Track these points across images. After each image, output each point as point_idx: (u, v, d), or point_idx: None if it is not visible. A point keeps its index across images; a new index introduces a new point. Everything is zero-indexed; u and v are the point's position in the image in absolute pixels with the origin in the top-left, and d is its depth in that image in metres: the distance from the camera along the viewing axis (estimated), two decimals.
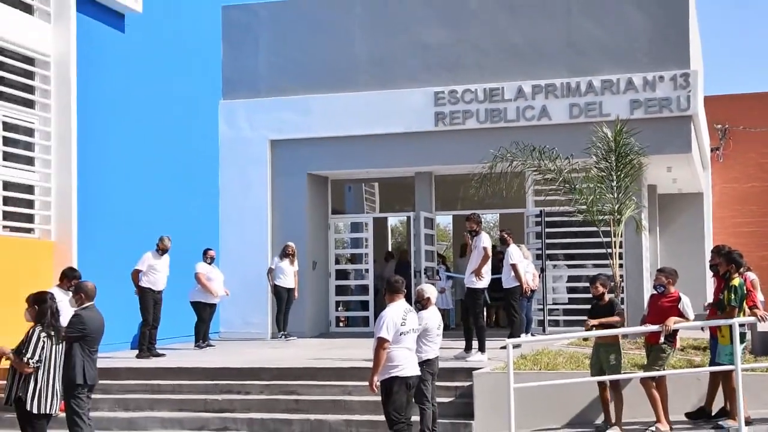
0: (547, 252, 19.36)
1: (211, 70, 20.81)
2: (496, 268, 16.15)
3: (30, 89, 16.04)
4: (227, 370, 13.90)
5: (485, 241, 14.12)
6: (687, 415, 11.20)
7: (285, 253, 18.87)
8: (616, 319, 10.96)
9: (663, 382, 10.91)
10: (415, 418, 10.55)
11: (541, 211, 19.38)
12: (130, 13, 18.07)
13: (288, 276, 18.77)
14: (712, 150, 26.60)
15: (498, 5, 19.69)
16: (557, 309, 19.80)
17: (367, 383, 9.81)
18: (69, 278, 12.26)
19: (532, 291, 16.82)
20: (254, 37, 20.94)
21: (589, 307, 11.66)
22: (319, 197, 21.34)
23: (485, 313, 15.56)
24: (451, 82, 19.46)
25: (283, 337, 18.78)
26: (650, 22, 18.75)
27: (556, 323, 19.37)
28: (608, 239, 15.98)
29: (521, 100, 19.10)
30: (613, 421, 10.83)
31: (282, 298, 18.80)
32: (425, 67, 19.71)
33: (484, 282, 14.09)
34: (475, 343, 13.86)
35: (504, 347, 11.23)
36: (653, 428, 10.65)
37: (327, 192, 21.69)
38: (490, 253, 14.27)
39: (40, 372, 9.34)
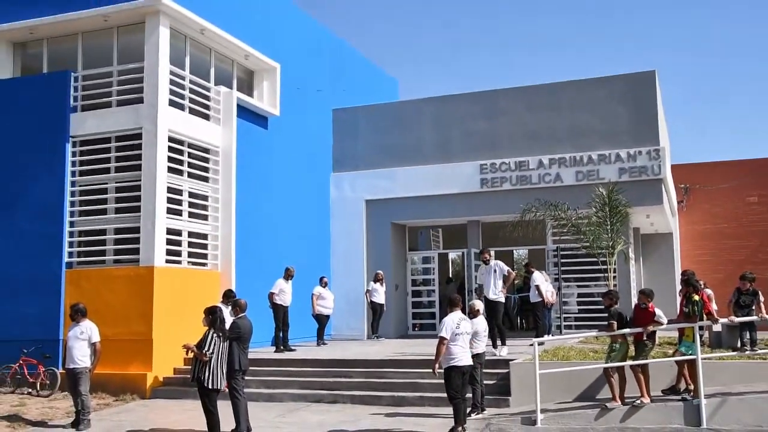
0: (562, 276, 19.14)
1: (325, 152, 21.13)
2: (524, 288, 15.98)
3: (206, 169, 16.47)
4: (337, 360, 13.98)
5: (505, 266, 14.02)
6: (662, 391, 10.97)
7: (377, 279, 18.99)
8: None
9: (646, 368, 10.71)
10: (469, 395, 10.56)
11: (557, 247, 19.16)
12: (272, 117, 18.56)
13: (380, 294, 18.86)
14: (678, 202, 26.12)
15: (521, 105, 19.67)
16: (570, 317, 19.47)
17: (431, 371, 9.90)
18: (228, 297, 12.62)
19: (552, 304, 16.62)
20: (355, 129, 21.27)
21: (595, 315, 11.58)
22: (400, 239, 21.40)
23: (517, 320, 15.34)
24: (491, 157, 19.44)
25: (376, 338, 18.84)
26: (630, 113, 18.57)
27: (569, 327, 19.03)
28: (605, 267, 15.80)
29: (541, 169, 18.99)
30: (617, 396, 10.63)
31: (375, 310, 18.90)
32: (472, 147, 19.74)
33: (503, 297, 13.95)
34: (499, 341, 13.71)
35: (531, 345, 11.15)
36: (638, 402, 10.46)
37: (405, 235, 21.74)
38: (514, 275, 14.19)
39: (213, 360, 9.63)
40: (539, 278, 15.97)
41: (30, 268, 15.10)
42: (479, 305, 11.23)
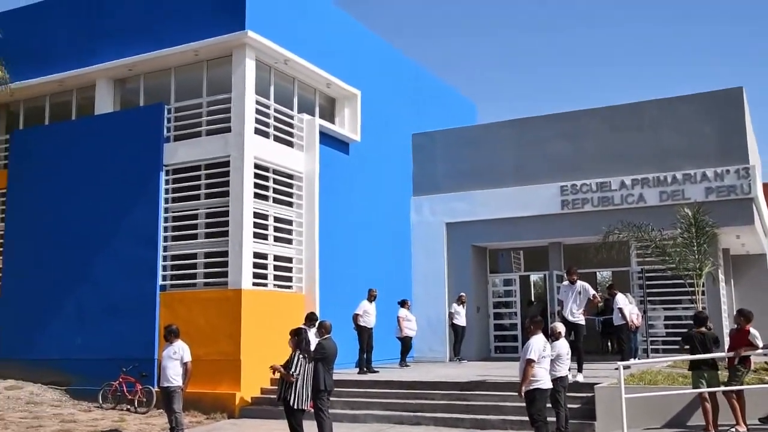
0: (648, 298, 18.63)
1: (405, 176, 21.32)
2: (606, 311, 15.59)
3: (290, 195, 16.88)
4: (419, 382, 13.97)
5: (591, 289, 13.74)
6: (760, 419, 10.50)
7: (460, 301, 18.92)
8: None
9: (741, 395, 10.30)
10: (552, 419, 10.40)
11: (642, 269, 18.69)
12: (353, 143, 18.91)
13: (462, 317, 18.77)
14: None
15: (603, 125, 19.37)
16: (657, 340, 18.89)
17: (516, 393, 9.82)
18: (311, 319, 12.86)
19: (636, 327, 16.18)
20: (434, 153, 21.38)
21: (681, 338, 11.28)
22: (480, 261, 21.29)
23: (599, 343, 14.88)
24: (572, 179, 19.19)
25: (458, 360, 18.73)
26: (716, 131, 17.98)
27: (656, 351, 18.47)
28: (692, 289, 15.26)
29: (624, 190, 18.61)
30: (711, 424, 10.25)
31: (457, 332, 18.79)
32: (553, 169, 19.52)
33: (583, 319, 13.64)
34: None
35: (616, 368, 10.89)
36: (733, 430, 10.05)
37: (486, 258, 21.62)
38: (598, 299, 13.90)
39: (298, 381, 9.82)
40: (622, 300, 15.61)
41: (128, 291, 15.83)
42: (561, 327, 11.09)
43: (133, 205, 16.15)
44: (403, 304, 17.66)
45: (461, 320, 18.71)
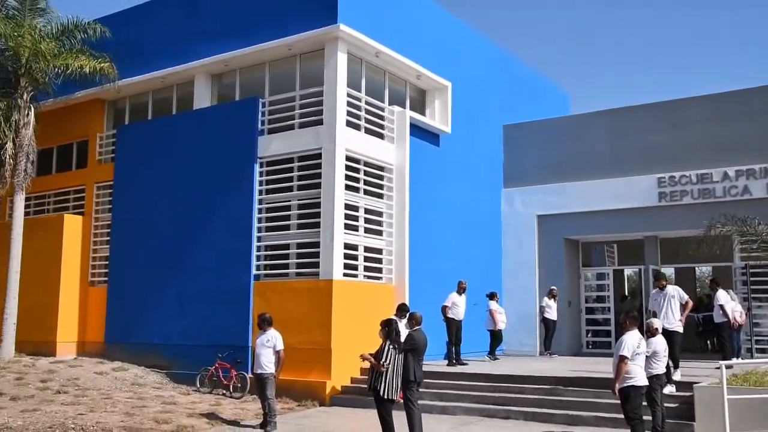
0: (753, 295, 17.72)
1: (495, 168, 21.06)
2: (709, 305, 14.90)
3: (380, 186, 16.97)
4: (509, 376, 13.83)
5: (684, 293, 13.12)
6: None
7: (551, 294, 18.62)
8: None
9: None
10: (647, 417, 10.05)
11: (746, 264, 17.80)
12: (443, 134, 18.82)
13: (553, 311, 18.46)
14: None
15: (705, 114, 18.53)
16: (763, 339, 17.95)
17: (609, 390, 9.54)
18: (402, 310, 12.89)
19: (740, 325, 15.41)
20: (525, 145, 21.02)
21: None
22: (572, 255, 20.80)
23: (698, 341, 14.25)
24: (670, 170, 18.47)
25: (548, 354, 18.41)
26: None
27: (762, 351, 17.57)
28: None
29: (726, 182, 17.76)
30: None
31: (548, 326, 18.49)
32: (650, 160, 18.83)
33: (681, 327, 12.97)
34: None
35: (718, 368, 10.41)
36: None
37: (578, 251, 21.10)
38: (692, 304, 13.26)
39: (388, 371, 9.86)
40: (723, 297, 14.87)
41: (224, 280, 16.33)
42: (657, 323, 10.71)
43: (229, 197, 16.63)
44: (491, 296, 17.48)
45: (552, 314, 18.38)
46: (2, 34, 17.68)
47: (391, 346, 9.87)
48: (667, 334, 12.55)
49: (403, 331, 10.92)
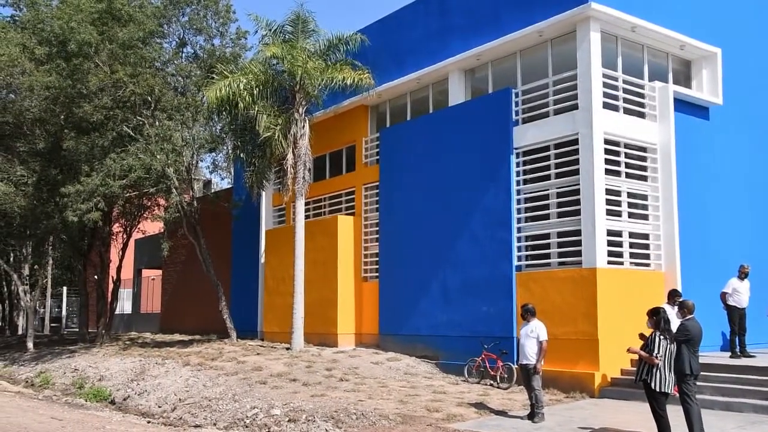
0: None
1: None
2: None
3: (644, 168, 16.12)
4: None
5: None
6: None
7: None
8: None
9: None
10: None
11: None
12: (713, 107, 17.32)
13: None
14: None
15: None
16: None
17: None
18: (674, 297, 12.18)
19: None
20: None
21: None
22: None
23: None
24: None
25: None
26: None
27: None
28: None
29: None
30: None
31: None
32: None
33: None
34: None
35: None
36: None
37: None
38: None
39: (660, 363, 9.40)
40: None
41: (486, 271, 16.68)
42: None
43: (487, 189, 16.91)
44: None
45: None
46: (280, 57, 19.78)
47: (660, 336, 9.40)
48: None
49: (674, 320, 10.32)
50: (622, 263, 15.30)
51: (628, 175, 15.76)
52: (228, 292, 25.21)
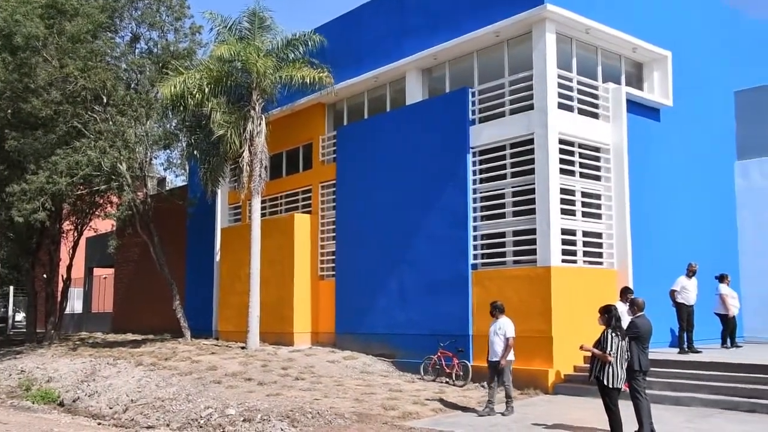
0: None
1: (726, 139, 19.37)
2: None
3: (597, 168, 16.38)
4: (754, 366, 12.72)
5: None
6: None
7: None
8: None
9: None
10: None
11: None
12: (664, 108, 17.69)
13: None
14: None
15: None
16: None
17: None
18: (626, 294, 12.43)
19: None
20: (763, 111, 19.08)
21: None
22: None
23: None
24: None
25: None
26: None
27: None
28: None
29: None
30: None
31: None
32: None
33: None
34: None
35: None
36: None
37: None
38: None
39: (612, 359, 9.56)
40: None
41: (442, 269, 16.79)
42: None
43: (444, 188, 17.02)
44: (722, 279, 16.12)
45: None
46: (228, 58, 19.52)
47: (612, 333, 9.58)
48: None
49: (625, 317, 10.53)
50: (575, 262, 15.56)
51: (582, 175, 16.03)
52: (182, 291, 24.89)
